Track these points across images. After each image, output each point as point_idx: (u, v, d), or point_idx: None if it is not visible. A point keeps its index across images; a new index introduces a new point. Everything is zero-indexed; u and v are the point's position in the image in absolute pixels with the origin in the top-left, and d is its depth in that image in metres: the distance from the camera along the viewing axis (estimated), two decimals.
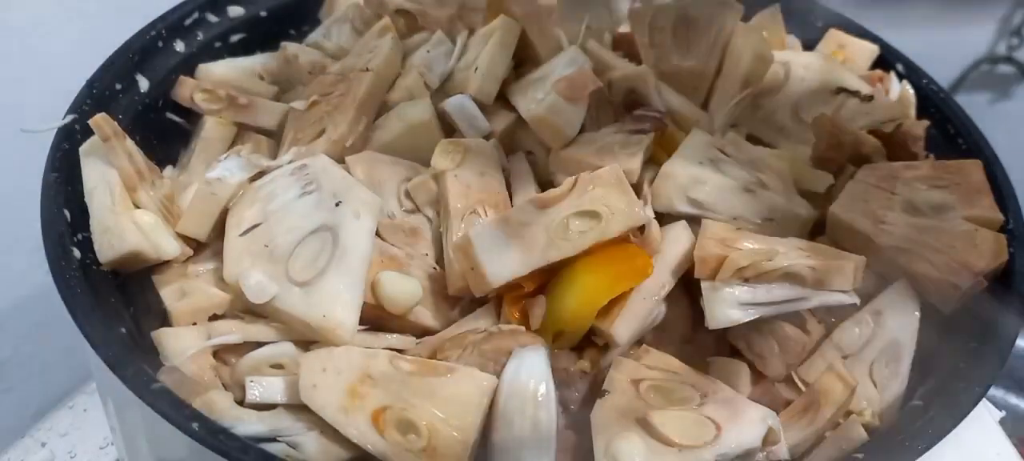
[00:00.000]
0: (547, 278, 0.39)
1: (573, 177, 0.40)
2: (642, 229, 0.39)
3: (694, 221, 0.42)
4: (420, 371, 0.36)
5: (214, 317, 0.39)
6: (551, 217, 0.38)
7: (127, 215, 0.40)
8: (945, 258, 0.41)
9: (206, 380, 0.36)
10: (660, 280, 0.39)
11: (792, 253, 0.38)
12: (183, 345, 0.37)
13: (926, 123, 0.50)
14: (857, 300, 0.39)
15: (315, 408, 0.34)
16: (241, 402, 0.35)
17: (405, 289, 0.39)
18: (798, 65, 0.51)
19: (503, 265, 0.38)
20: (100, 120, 0.41)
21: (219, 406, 0.34)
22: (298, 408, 0.34)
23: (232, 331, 0.37)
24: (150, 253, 0.39)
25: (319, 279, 0.37)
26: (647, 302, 0.39)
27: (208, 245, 0.42)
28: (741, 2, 0.50)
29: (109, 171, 0.41)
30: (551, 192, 0.40)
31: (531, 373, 0.35)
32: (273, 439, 0.34)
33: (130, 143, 0.42)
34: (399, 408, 0.34)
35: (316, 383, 0.34)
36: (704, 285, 0.38)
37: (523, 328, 0.38)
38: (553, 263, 0.38)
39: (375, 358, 0.36)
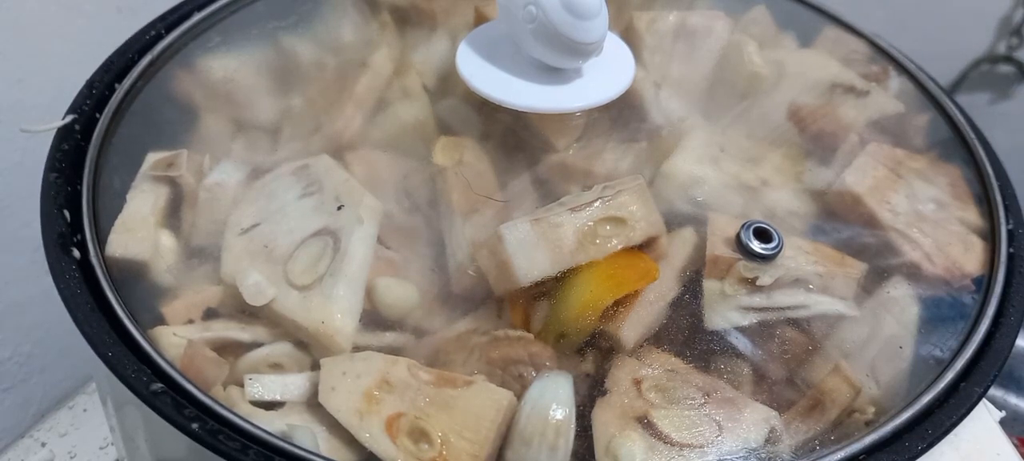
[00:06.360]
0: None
1: (601, 183, 0.40)
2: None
3: (697, 221, 0.42)
4: (437, 382, 0.35)
5: (209, 314, 0.38)
6: (581, 220, 0.38)
7: (155, 229, 0.40)
8: (940, 254, 0.41)
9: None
10: (668, 285, 0.40)
11: (800, 257, 0.38)
12: (180, 343, 0.36)
13: (926, 118, 0.50)
14: (857, 312, 0.39)
15: (331, 410, 0.34)
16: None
17: (402, 295, 0.39)
18: (793, 62, 0.51)
19: (534, 264, 0.38)
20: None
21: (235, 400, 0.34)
22: (305, 408, 0.35)
23: (229, 330, 0.37)
24: (154, 272, 0.39)
25: (319, 284, 0.37)
26: (655, 306, 0.39)
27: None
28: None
29: (161, 186, 0.41)
30: (582, 196, 0.40)
31: (555, 398, 0.35)
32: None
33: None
34: (413, 416, 0.34)
35: (335, 386, 0.34)
36: (707, 287, 0.38)
37: (530, 335, 0.38)
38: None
39: (395, 365, 0.36)
